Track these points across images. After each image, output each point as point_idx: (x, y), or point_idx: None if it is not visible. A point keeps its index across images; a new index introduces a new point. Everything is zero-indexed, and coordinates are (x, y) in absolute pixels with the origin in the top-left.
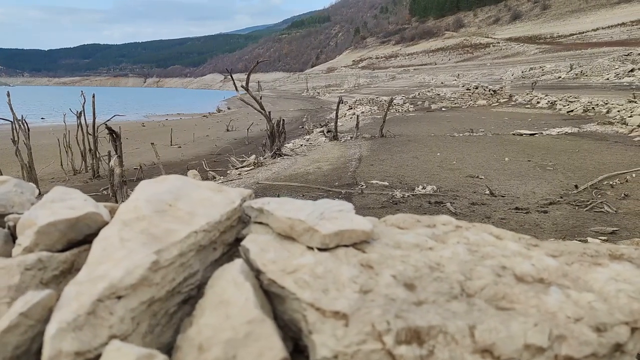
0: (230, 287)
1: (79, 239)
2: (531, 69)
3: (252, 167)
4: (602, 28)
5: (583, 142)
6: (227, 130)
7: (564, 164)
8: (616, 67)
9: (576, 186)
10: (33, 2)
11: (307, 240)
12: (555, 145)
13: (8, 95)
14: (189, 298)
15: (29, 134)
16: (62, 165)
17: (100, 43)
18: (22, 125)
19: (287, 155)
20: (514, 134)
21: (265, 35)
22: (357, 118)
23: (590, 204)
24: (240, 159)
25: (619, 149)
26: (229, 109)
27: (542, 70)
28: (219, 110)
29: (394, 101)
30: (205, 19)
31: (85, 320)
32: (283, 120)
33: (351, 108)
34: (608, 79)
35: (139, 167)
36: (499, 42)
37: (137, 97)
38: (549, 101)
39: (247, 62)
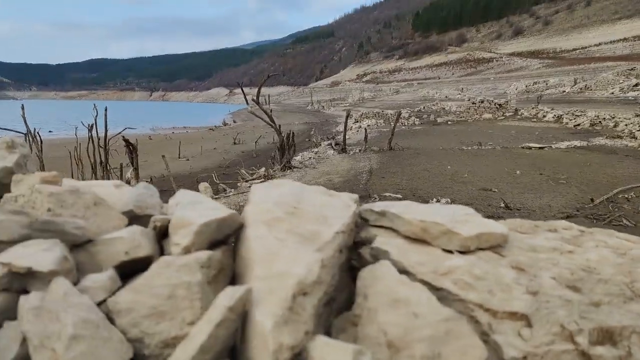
0: (399, 286)
1: (219, 239)
2: (535, 83)
3: (263, 179)
4: (605, 43)
5: (593, 156)
6: (235, 143)
7: (576, 177)
8: (620, 81)
9: (592, 199)
10: (38, 17)
11: (445, 243)
12: (565, 159)
13: (22, 108)
14: (330, 299)
15: (41, 146)
16: (72, 177)
17: (108, 58)
18: (35, 138)
19: (297, 167)
20: (523, 147)
21: (270, 50)
22: (365, 131)
23: (608, 217)
24: (250, 172)
25: (631, 163)
26: (234, 122)
27: (546, 84)
28: (225, 124)
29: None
30: (211, 34)
31: (289, 315)
32: (293, 133)
33: (357, 121)
34: (613, 93)
35: (149, 180)
36: (501, 57)
37: (144, 110)
38: (555, 115)
39: (252, 76)
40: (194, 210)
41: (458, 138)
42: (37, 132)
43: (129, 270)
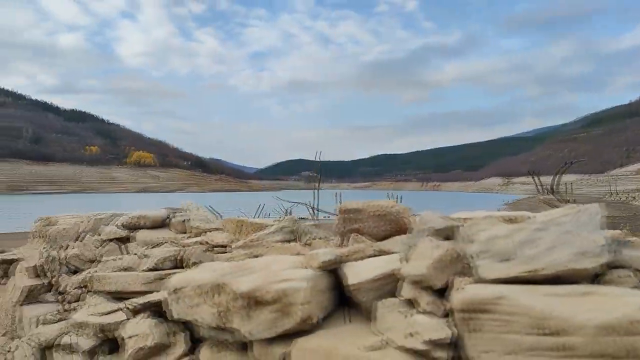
0: None
1: None
2: None
3: None
4: None
5: None
6: None
7: None
8: None
9: None
10: (344, 124)
11: None
12: None
13: (336, 195)
14: None
15: None
16: None
17: (389, 153)
18: None
19: None
20: None
21: (553, 136)
22: None
23: None
24: None
25: None
26: None
27: None
28: None
29: None
30: (486, 125)
31: None
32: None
33: None
34: None
35: None
36: None
37: (417, 198)
38: None
39: (533, 164)
40: None
41: None
42: None
43: None
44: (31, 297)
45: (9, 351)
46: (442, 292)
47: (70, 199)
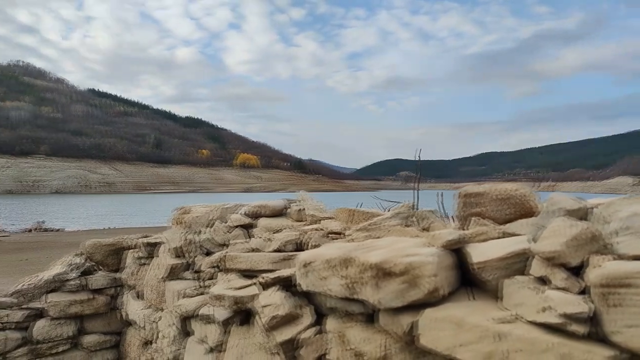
0: None
1: None
2: None
3: None
4: None
5: None
6: None
7: None
8: None
9: None
10: (445, 122)
11: None
12: None
13: (438, 195)
14: None
15: None
16: None
17: (496, 151)
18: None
19: None
20: None
21: None
22: None
23: None
24: None
25: None
26: None
27: None
28: None
29: None
30: (615, 117)
31: None
32: None
33: None
34: None
35: None
36: None
37: None
38: None
39: None
40: None
41: None
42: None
43: None
44: (173, 274)
45: (155, 321)
46: (575, 271)
47: (186, 197)
